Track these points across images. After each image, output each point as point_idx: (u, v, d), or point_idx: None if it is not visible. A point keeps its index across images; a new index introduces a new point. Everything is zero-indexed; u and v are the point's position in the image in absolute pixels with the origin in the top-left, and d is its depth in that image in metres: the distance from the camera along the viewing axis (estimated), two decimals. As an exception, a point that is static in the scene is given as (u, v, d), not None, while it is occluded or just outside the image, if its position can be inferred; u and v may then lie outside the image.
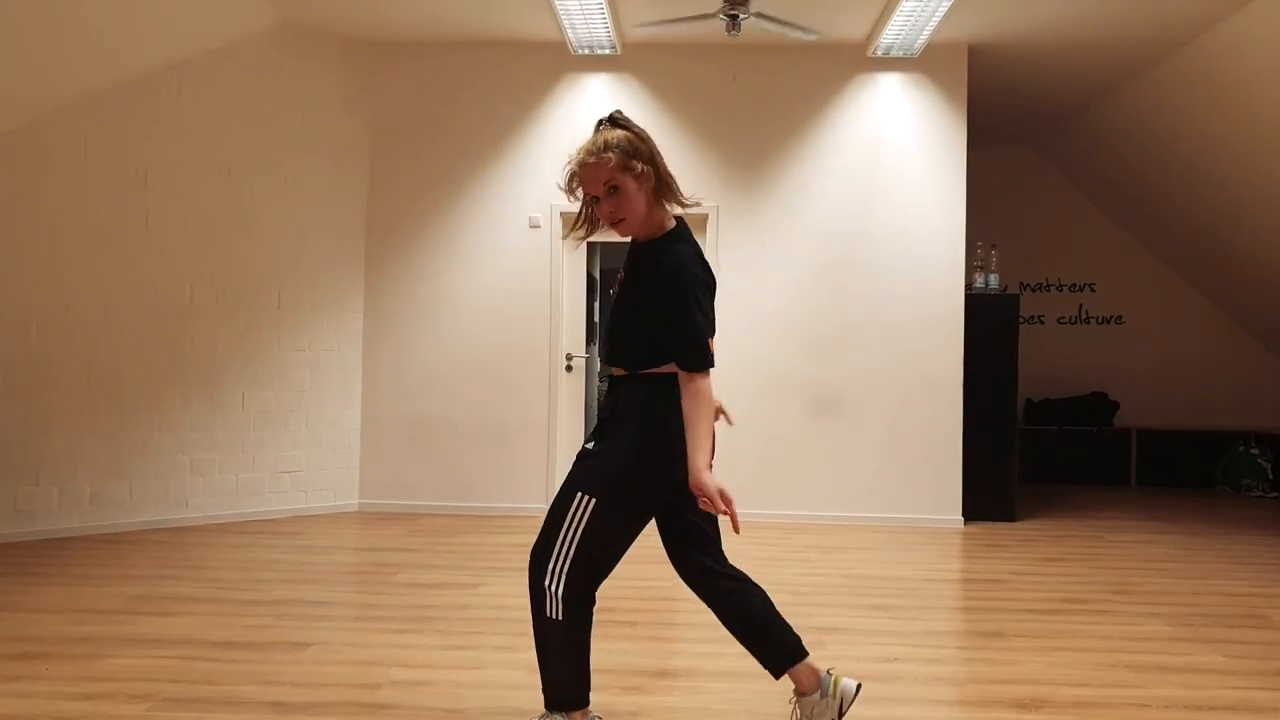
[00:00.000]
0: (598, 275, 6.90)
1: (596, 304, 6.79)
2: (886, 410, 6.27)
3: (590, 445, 2.42)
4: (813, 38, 5.52)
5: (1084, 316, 8.95)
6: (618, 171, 2.30)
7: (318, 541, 5.33)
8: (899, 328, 6.26)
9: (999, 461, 6.40)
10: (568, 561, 2.30)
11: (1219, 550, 5.50)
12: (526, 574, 2.40)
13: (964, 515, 6.25)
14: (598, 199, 2.35)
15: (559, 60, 6.35)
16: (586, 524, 2.30)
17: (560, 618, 2.31)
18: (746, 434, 6.22)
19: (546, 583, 2.31)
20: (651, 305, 2.32)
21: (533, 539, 2.40)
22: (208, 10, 5.53)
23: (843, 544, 5.54)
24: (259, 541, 5.28)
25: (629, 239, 2.47)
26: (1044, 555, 5.29)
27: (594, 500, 2.30)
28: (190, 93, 5.73)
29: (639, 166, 2.32)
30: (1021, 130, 8.40)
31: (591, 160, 2.32)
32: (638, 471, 2.33)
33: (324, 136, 6.27)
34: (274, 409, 6.03)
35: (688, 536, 2.46)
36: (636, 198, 2.33)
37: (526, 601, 2.42)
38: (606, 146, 2.31)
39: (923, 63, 6.29)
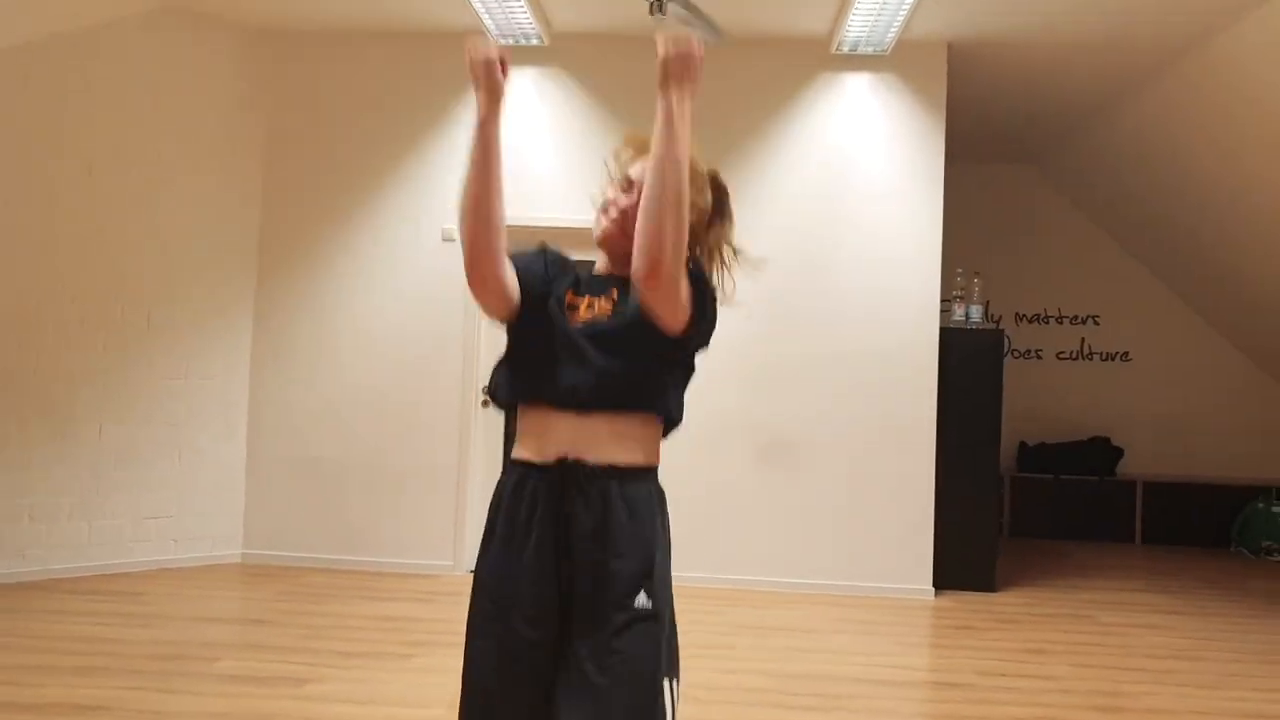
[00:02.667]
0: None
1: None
2: (847, 459, 5.42)
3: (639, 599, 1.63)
4: (719, 42, 4.54)
5: (1086, 352, 8.08)
6: None
7: (158, 607, 4.51)
8: (863, 363, 5.42)
9: (978, 521, 5.53)
10: None
11: (1235, 641, 4.61)
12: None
13: (935, 584, 5.38)
14: None
15: (481, 53, 5.57)
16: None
17: None
18: (683, 484, 5.36)
19: None
20: None
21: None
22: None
23: (782, 623, 4.67)
24: (86, 606, 4.46)
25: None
26: (1022, 644, 4.42)
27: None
28: (44, 79, 4.96)
29: None
30: (1019, 145, 7.56)
31: None
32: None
33: (211, 134, 5.50)
34: (139, 445, 5.23)
35: None
36: None
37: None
38: None
39: (895, 61, 5.47)
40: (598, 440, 1.68)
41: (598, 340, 1.71)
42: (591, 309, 1.77)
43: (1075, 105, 6.47)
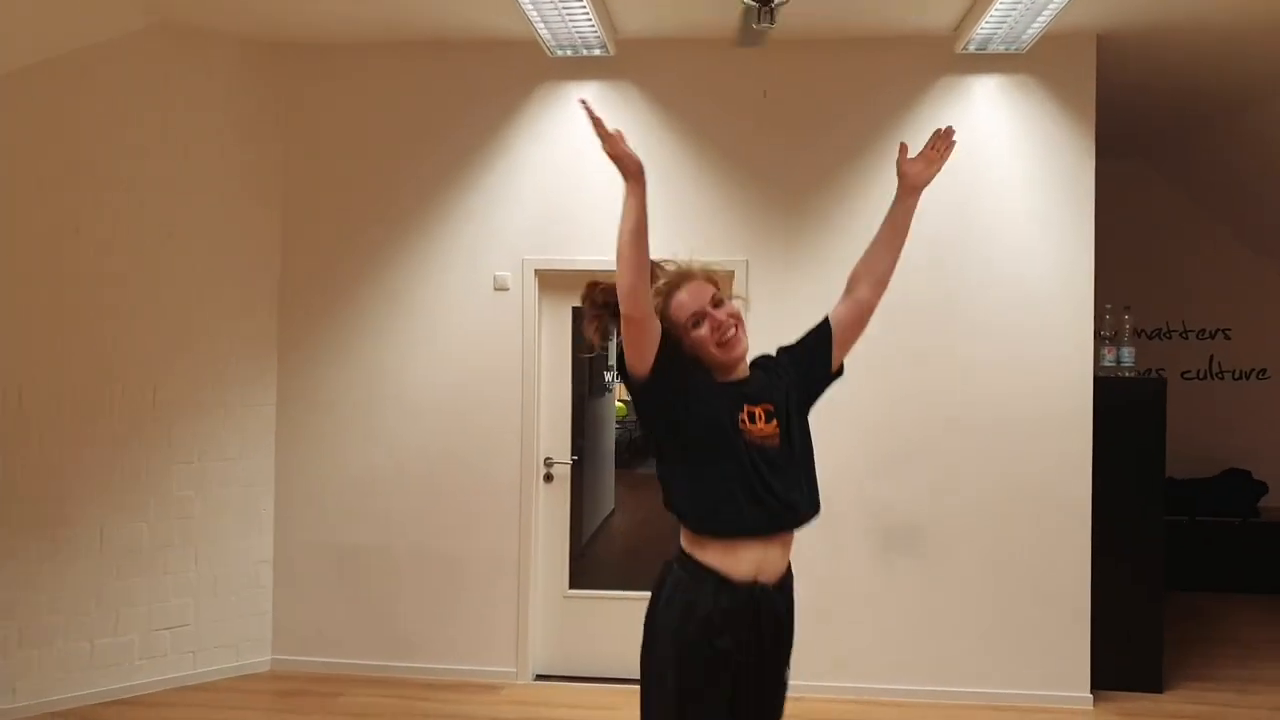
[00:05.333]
0: (613, 342, 5.21)
1: (586, 390, 5.11)
2: (985, 544, 4.53)
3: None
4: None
5: (1216, 371, 7.11)
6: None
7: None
8: (1002, 427, 4.52)
9: (1140, 612, 4.63)
10: None
11: None
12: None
13: (1094, 684, 4.49)
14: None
15: (533, 65, 4.68)
16: None
17: None
18: (797, 574, 4.53)
19: None
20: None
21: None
22: (48, 11, 3.94)
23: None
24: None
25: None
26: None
27: None
28: (18, 118, 4.15)
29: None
30: (1136, 140, 6.55)
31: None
32: None
33: (221, 171, 4.67)
34: (146, 545, 4.45)
35: None
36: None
37: None
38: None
39: (1033, 60, 4.52)
40: None
41: None
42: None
43: (1221, 98, 5.48)
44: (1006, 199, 4.56)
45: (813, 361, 2.25)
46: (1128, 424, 4.63)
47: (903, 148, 2.27)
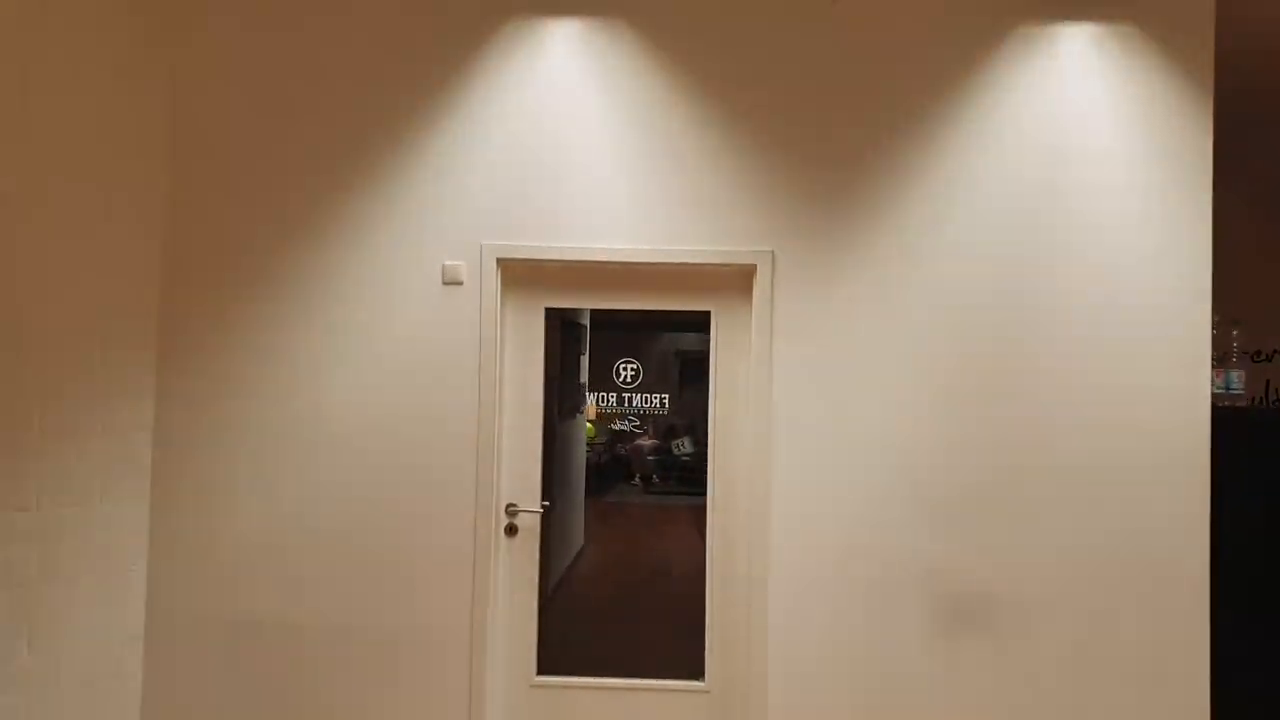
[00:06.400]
0: (585, 358, 4.15)
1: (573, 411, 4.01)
2: (1074, 621, 3.53)
3: None
4: None
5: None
6: None
7: None
8: (1092, 475, 3.53)
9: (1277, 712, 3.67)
10: None
11: None
12: None
13: (1206, 801, 3.51)
14: None
15: (495, 1, 3.64)
16: None
17: None
18: (830, 658, 3.51)
19: None
20: None
21: None
22: None
23: None
24: None
25: None
26: None
27: None
28: None
29: None
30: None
31: None
32: None
33: (81, 126, 3.53)
34: (-37, 622, 3.28)
35: None
36: None
37: None
38: None
39: (1136, 5, 3.58)
40: None
41: None
42: None
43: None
44: (1101, 185, 3.59)
45: None
46: (1250, 465, 3.67)
47: None
